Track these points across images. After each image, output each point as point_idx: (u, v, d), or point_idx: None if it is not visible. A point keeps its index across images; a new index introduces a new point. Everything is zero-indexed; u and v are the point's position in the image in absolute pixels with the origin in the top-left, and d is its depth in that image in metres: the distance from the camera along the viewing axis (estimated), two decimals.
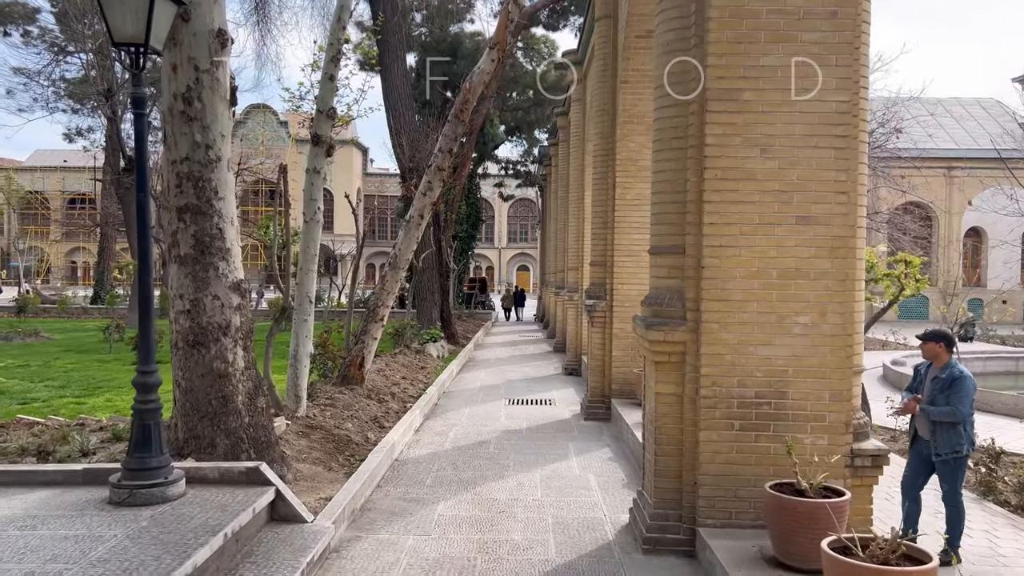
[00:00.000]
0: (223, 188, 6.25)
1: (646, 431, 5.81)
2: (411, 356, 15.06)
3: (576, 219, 15.60)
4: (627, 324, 10.27)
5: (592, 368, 10.53)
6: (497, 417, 10.72)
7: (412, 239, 10.75)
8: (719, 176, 5.25)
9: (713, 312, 5.24)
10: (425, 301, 19.39)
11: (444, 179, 10.80)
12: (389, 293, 10.78)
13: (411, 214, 10.75)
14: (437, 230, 19.88)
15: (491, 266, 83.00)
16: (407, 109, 20.17)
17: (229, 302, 6.23)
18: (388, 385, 11.59)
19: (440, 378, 13.24)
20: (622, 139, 10.20)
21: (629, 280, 10.26)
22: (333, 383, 10.68)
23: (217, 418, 6.15)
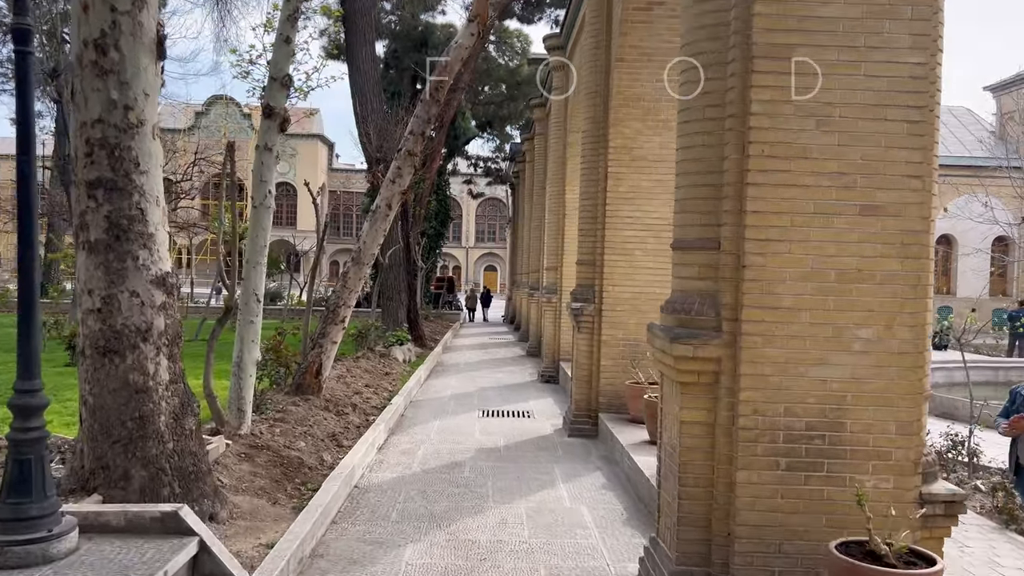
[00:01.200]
0: (146, 159, 5.06)
1: (664, 466, 4.75)
2: (375, 360, 13.87)
3: (556, 215, 14.54)
4: (618, 330, 9.24)
5: (577, 379, 9.48)
6: (471, 432, 9.60)
7: (378, 232, 9.59)
8: (766, 153, 4.21)
9: (756, 322, 4.20)
10: (391, 301, 18.18)
11: (415, 165, 9.67)
12: (351, 292, 9.60)
13: (378, 204, 9.59)
14: (405, 225, 18.68)
15: (458, 265, 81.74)
16: (375, 96, 18.96)
17: (151, 300, 5.04)
18: (349, 394, 10.40)
19: (407, 385, 12.08)
20: (616, 124, 9.16)
21: (621, 281, 9.22)
22: (286, 392, 9.48)
23: (132, 444, 4.95)
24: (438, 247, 33.67)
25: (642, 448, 7.54)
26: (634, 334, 9.22)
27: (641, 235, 9.21)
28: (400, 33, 29.85)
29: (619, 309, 9.23)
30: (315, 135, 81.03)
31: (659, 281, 9.22)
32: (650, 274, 9.21)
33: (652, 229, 9.22)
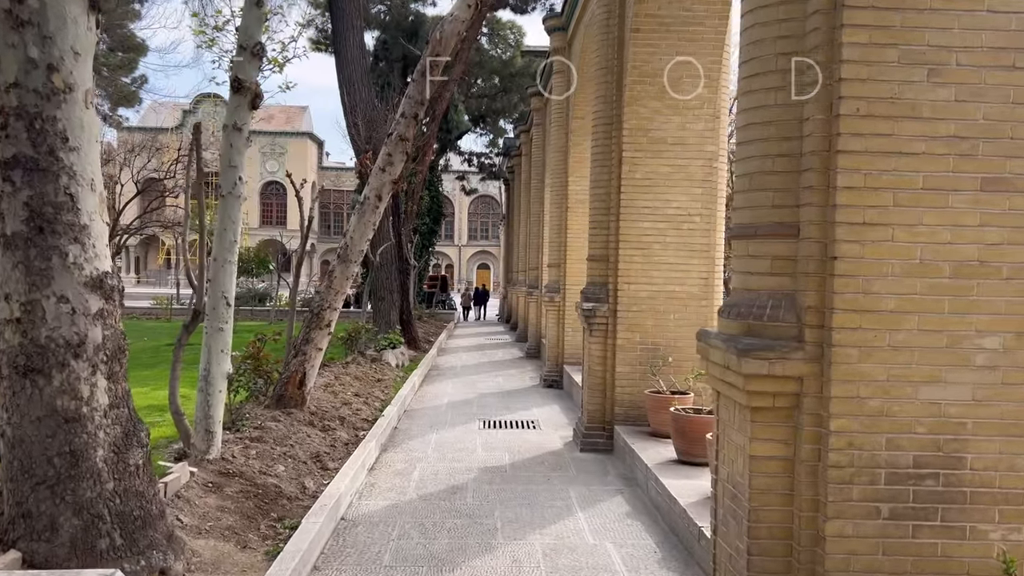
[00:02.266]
0: (77, 133, 4.09)
1: (723, 509, 3.82)
2: (366, 366, 12.90)
3: (558, 208, 13.60)
4: (635, 333, 8.30)
5: (589, 387, 8.54)
6: (471, 447, 8.66)
7: (367, 226, 8.62)
8: (861, 112, 3.28)
9: (850, 330, 3.28)
10: (383, 301, 17.20)
11: (407, 152, 8.70)
12: (338, 292, 8.64)
13: (366, 194, 8.63)
14: (397, 221, 17.70)
15: (451, 264, 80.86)
16: (363, 85, 17.96)
17: (84, 306, 4.07)
18: (336, 405, 9.44)
19: (400, 393, 11.12)
20: (631, 103, 8.22)
21: (638, 279, 8.29)
22: (266, 406, 8.51)
23: (61, 485, 3.99)
24: (431, 245, 32.71)
25: (670, 469, 6.61)
26: (652, 337, 8.29)
27: (660, 227, 8.28)
28: (390, 23, 28.84)
29: (635, 310, 8.30)
30: (304, 133, 79.98)
31: (679, 278, 8.30)
32: (670, 270, 8.28)
33: (672, 220, 8.29)
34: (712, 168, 8.32)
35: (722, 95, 8.36)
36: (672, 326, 8.29)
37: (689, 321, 8.29)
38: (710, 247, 8.34)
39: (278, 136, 78.34)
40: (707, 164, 8.30)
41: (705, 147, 8.29)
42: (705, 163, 8.30)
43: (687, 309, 8.30)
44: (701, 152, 8.29)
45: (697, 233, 8.30)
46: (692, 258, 8.30)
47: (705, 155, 8.30)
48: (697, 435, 6.65)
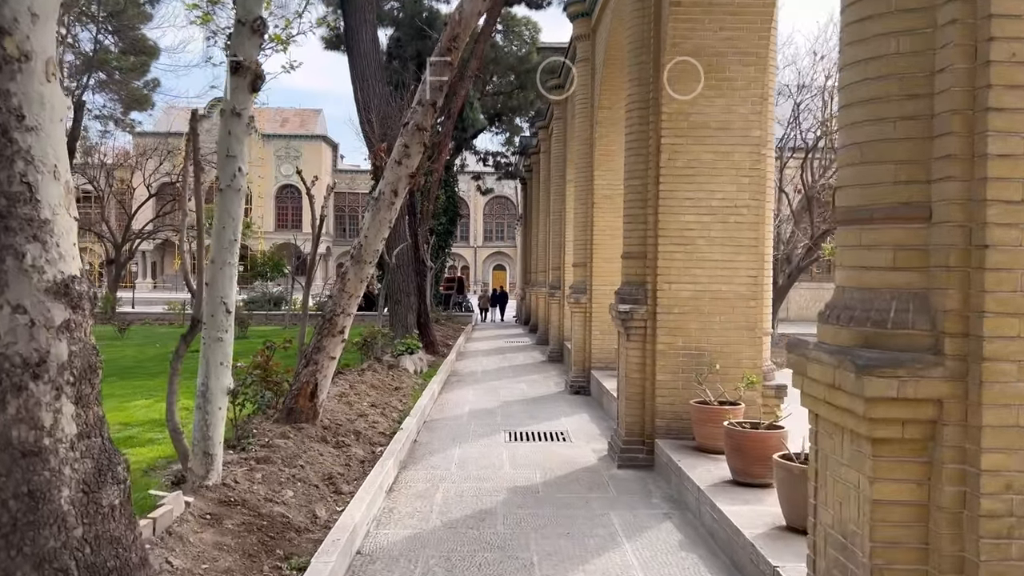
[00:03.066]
0: (35, 111, 3.41)
1: (822, 558, 3.08)
2: (383, 373, 12.22)
3: (583, 204, 12.86)
4: (677, 337, 7.56)
5: (628, 397, 7.80)
6: (498, 463, 7.94)
7: (382, 224, 7.94)
8: (1017, 57, 2.53)
9: (1007, 339, 2.53)
10: (399, 304, 16.53)
11: (425, 143, 8.01)
12: (351, 296, 7.95)
13: (381, 189, 7.94)
14: (413, 221, 17.03)
15: (466, 265, 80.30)
16: (377, 80, 17.32)
17: (46, 318, 3.40)
18: (351, 417, 8.76)
19: (419, 403, 10.43)
20: (671, 84, 7.48)
21: (680, 278, 7.55)
22: (275, 420, 7.85)
23: (18, 533, 3.31)
24: (447, 246, 32.07)
25: (726, 491, 5.86)
26: (696, 342, 7.54)
27: (704, 220, 7.53)
28: (403, 20, 28.20)
29: (677, 311, 7.55)
30: (319, 136, 79.81)
31: (726, 276, 7.55)
32: (716, 268, 7.53)
33: (717, 213, 7.54)
34: (760, 155, 7.57)
35: (769, 75, 7.61)
36: (718, 329, 7.54)
37: (736, 324, 7.53)
38: (759, 242, 7.58)
39: (292, 139, 78.21)
40: (754, 151, 7.55)
41: (751, 132, 7.54)
42: (752, 150, 7.54)
43: (734, 311, 7.55)
44: (747, 137, 7.54)
45: (744, 226, 7.55)
46: (739, 254, 7.55)
47: (751, 141, 7.54)
48: (757, 453, 5.90)
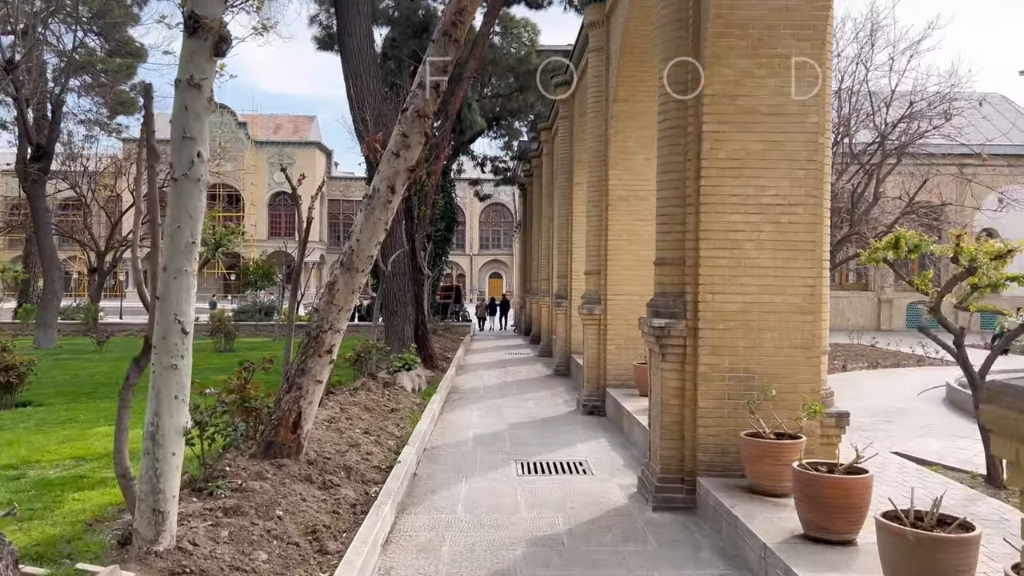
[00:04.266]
0: None
1: None
2: (377, 392, 11.08)
3: (597, 207, 11.78)
4: (722, 358, 6.46)
5: (664, 426, 6.69)
6: (512, 504, 6.82)
7: (377, 225, 6.83)
8: None
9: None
10: (396, 315, 15.40)
11: (426, 132, 6.92)
12: (341, 310, 6.83)
13: (376, 186, 6.84)
14: (410, 226, 15.91)
15: (462, 273, 79.23)
16: (371, 77, 16.24)
17: None
18: (342, 448, 7.62)
19: (419, 427, 9.30)
20: (713, 63, 6.41)
21: (725, 287, 6.46)
22: (251, 454, 6.71)
23: None
24: (445, 253, 30.97)
25: (801, 551, 4.75)
26: (745, 362, 6.45)
27: (752, 220, 6.45)
28: (399, 19, 27.17)
29: (722, 327, 6.46)
30: (312, 143, 78.70)
31: (779, 286, 6.46)
32: (767, 276, 6.45)
33: (768, 212, 6.46)
34: (817, 145, 6.49)
35: (827, 51, 6.54)
36: (770, 348, 6.44)
37: (792, 341, 6.44)
38: (816, 245, 6.50)
39: (286, 146, 77.06)
40: (811, 140, 6.47)
41: (808, 118, 6.47)
42: (808, 138, 6.47)
43: (788, 326, 6.46)
44: (803, 124, 6.47)
45: (800, 228, 6.47)
46: (794, 260, 6.47)
47: (808, 128, 6.47)
48: (838, 503, 4.80)
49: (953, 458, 10.49)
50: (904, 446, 11.05)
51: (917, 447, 11.18)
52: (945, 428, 13.11)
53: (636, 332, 11.35)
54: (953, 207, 30.89)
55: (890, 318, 40.44)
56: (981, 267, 9.21)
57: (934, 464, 9.23)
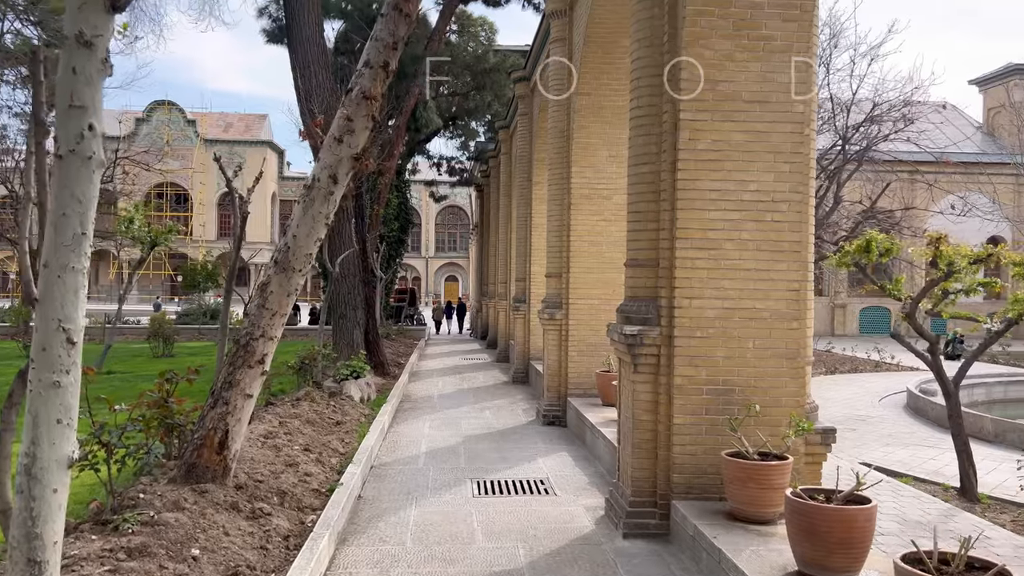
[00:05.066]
0: None
1: None
2: (322, 403, 10.27)
3: (558, 206, 11.16)
4: (699, 369, 5.86)
5: (636, 445, 6.05)
6: (467, 532, 6.12)
7: (317, 220, 6.08)
8: None
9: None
10: (345, 319, 14.56)
11: (374, 116, 6.20)
12: (275, 314, 6.06)
13: (315, 175, 6.10)
14: (361, 225, 15.09)
15: (418, 276, 78.20)
16: (321, 67, 15.38)
17: None
18: (277, 469, 6.83)
19: (365, 443, 8.54)
20: (692, 44, 5.82)
21: (704, 291, 5.86)
22: (171, 479, 5.89)
23: None
24: (399, 255, 30.07)
25: None
26: (725, 374, 5.86)
27: (733, 218, 5.87)
28: (351, 12, 26.27)
29: (700, 335, 5.86)
30: (264, 142, 76.89)
31: (762, 291, 5.89)
32: (749, 279, 5.87)
33: (750, 209, 5.89)
34: (803, 136, 5.95)
35: (814, 33, 6.01)
36: (752, 358, 5.87)
37: (775, 351, 5.88)
38: (801, 246, 5.95)
39: (236, 145, 75.05)
40: (796, 130, 5.92)
41: (794, 106, 5.92)
42: (794, 128, 5.92)
43: (772, 334, 5.89)
44: (789, 113, 5.91)
45: (784, 226, 5.91)
46: (778, 261, 5.91)
47: (794, 118, 5.92)
48: (839, 538, 4.21)
49: (921, 469, 10.16)
50: (871, 455, 10.69)
51: (884, 457, 10.84)
52: (909, 436, 12.84)
53: (599, 338, 10.77)
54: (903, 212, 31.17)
55: (844, 323, 40.74)
56: (959, 271, 8.85)
57: (904, 475, 8.85)
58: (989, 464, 10.50)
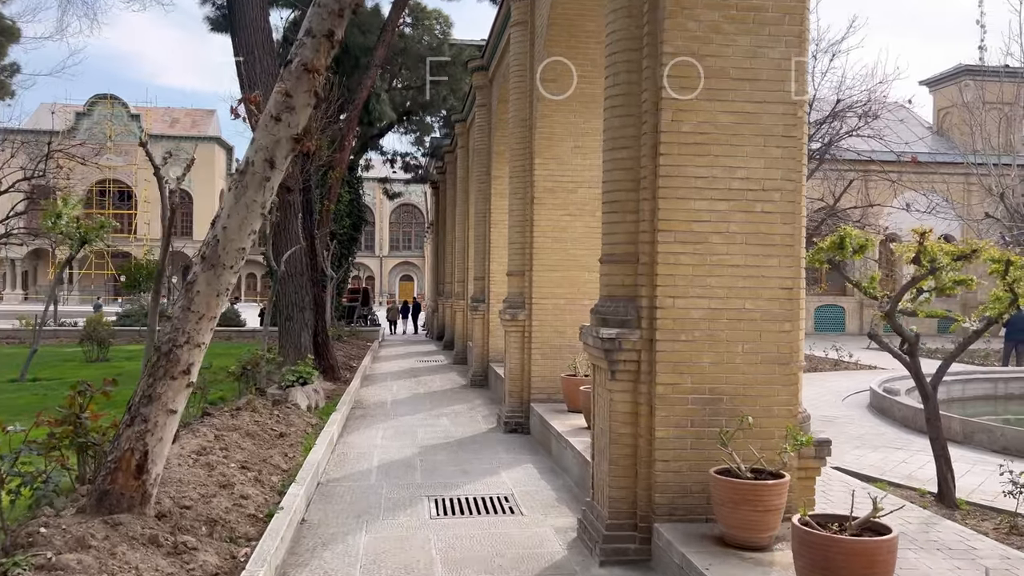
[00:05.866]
0: None
1: None
2: (265, 413, 9.43)
3: (521, 200, 10.51)
4: (685, 375, 5.27)
5: (613, 461, 5.43)
6: (425, 562, 5.43)
7: (251, 210, 5.31)
8: None
9: None
10: (292, 320, 13.69)
11: (317, 92, 5.47)
12: (202, 317, 5.28)
13: (249, 158, 5.34)
14: (309, 221, 14.22)
15: (372, 275, 76.85)
16: (266, 54, 14.46)
17: None
18: (209, 492, 6.03)
19: (311, 458, 7.77)
20: (675, 14, 5.21)
21: (688, 290, 5.27)
22: (81, 509, 5.08)
23: None
24: (351, 254, 29.11)
25: None
26: (712, 381, 5.27)
27: (720, 209, 5.29)
28: None
29: (685, 338, 5.27)
30: (212, 138, 74.75)
31: (751, 288, 5.32)
32: (737, 276, 5.30)
33: (739, 198, 5.31)
34: (796, 118, 5.39)
35: (806, 4, 5.46)
36: (741, 364, 5.29)
37: (766, 355, 5.31)
38: (794, 240, 5.40)
39: (182, 140, 72.61)
40: (788, 111, 5.37)
41: (785, 84, 5.36)
42: (786, 110, 5.36)
43: (762, 337, 5.32)
44: (780, 92, 5.35)
45: (776, 218, 5.35)
46: (769, 256, 5.34)
47: (785, 97, 5.36)
48: (858, 575, 3.63)
49: (895, 473, 9.77)
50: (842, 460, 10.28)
51: (856, 461, 10.45)
52: (878, 438, 12.52)
53: (564, 340, 10.15)
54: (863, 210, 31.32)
55: None
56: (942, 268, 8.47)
57: (878, 480, 8.45)
58: (962, 466, 10.19)
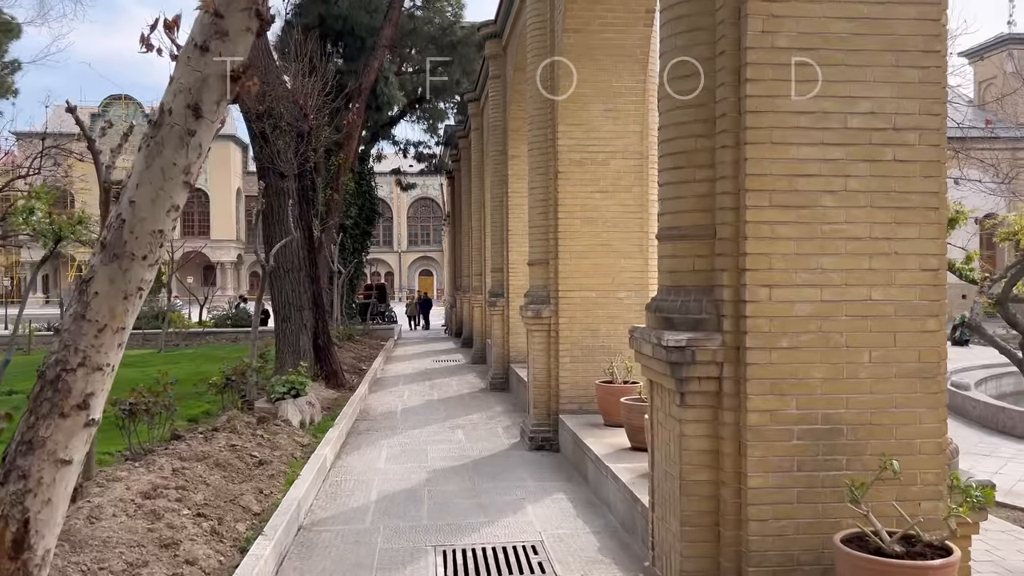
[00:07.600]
0: None
1: None
2: (246, 433, 7.94)
3: (543, 175, 8.92)
4: (787, 399, 3.69)
5: (687, 520, 3.86)
6: None
7: (169, 178, 3.69)
8: None
9: None
10: (288, 322, 12.19)
11: (260, 12, 3.87)
12: (103, 328, 3.69)
13: (166, 104, 3.72)
14: (306, 209, 12.70)
15: (391, 272, 75.60)
16: None
17: None
18: (140, 558, 4.54)
19: (292, 495, 6.27)
20: None
21: (791, 276, 3.68)
22: None
23: None
24: (364, 248, 27.65)
25: None
26: (825, 405, 3.69)
27: (835, 157, 3.69)
28: None
29: (788, 344, 3.68)
30: (228, 136, 73.69)
31: (881, 271, 3.72)
32: (860, 254, 3.71)
33: (860, 142, 3.71)
34: (938, 25, 3.78)
35: None
36: (868, 379, 3.70)
37: (905, 366, 3.71)
38: (939, 200, 3.79)
39: None
40: (928, 16, 3.75)
41: None
42: (923, 13, 3.75)
43: (897, 340, 3.72)
44: None
45: (914, 169, 3.74)
46: (905, 225, 3.74)
47: None
48: None
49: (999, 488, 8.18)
50: None
51: None
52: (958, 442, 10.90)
53: (597, 341, 8.59)
54: None
55: None
56: None
57: None
58: None
